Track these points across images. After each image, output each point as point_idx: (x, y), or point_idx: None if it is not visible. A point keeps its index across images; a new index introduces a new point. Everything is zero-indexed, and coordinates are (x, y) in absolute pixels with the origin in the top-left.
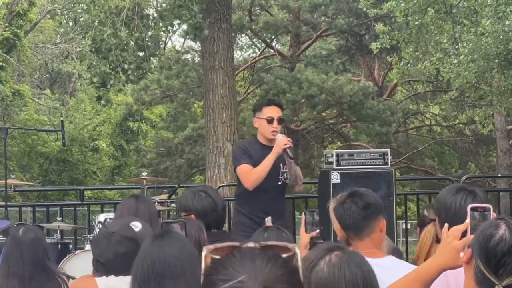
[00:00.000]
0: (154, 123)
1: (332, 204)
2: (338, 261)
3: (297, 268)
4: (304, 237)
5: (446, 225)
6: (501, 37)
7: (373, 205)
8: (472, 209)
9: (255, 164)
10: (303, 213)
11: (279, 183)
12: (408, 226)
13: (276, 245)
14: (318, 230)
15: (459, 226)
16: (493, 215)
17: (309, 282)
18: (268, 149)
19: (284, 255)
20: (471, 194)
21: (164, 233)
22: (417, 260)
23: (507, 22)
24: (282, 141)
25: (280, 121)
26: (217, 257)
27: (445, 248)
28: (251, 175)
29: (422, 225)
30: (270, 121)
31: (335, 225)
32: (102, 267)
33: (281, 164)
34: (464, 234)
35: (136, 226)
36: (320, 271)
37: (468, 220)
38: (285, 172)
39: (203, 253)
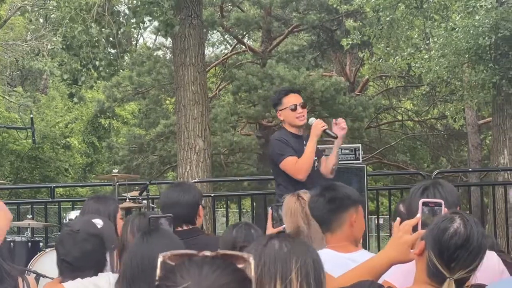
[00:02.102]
0: (126, 120)
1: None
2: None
3: (248, 277)
4: (270, 232)
5: (398, 219)
6: (471, 32)
7: (339, 199)
8: (424, 204)
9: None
10: (269, 208)
11: (315, 169)
12: (381, 221)
13: (232, 255)
14: (284, 225)
15: (410, 220)
16: (444, 210)
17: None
18: (299, 138)
19: (239, 265)
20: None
21: (152, 230)
22: None
23: (477, 17)
24: (318, 123)
25: (304, 105)
26: (172, 263)
27: (396, 242)
28: (301, 165)
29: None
30: (293, 109)
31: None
32: (68, 266)
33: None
34: (415, 228)
35: (98, 223)
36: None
37: (419, 215)
38: (315, 159)
39: (159, 260)
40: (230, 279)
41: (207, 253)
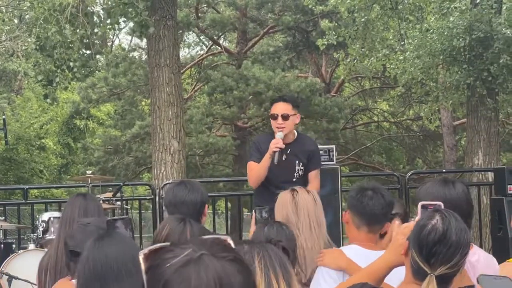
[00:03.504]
0: (101, 121)
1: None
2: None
3: (232, 246)
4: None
5: (397, 222)
6: (445, 33)
7: (393, 206)
8: (423, 206)
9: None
10: (253, 210)
11: (294, 180)
12: None
13: (210, 238)
14: None
15: (409, 223)
16: None
17: None
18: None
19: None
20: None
21: (105, 234)
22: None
23: (451, 19)
24: (274, 143)
25: (285, 116)
26: (149, 261)
27: (394, 245)
28: (251, 174)
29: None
30: (274, 117)
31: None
32: (77, 260)
33: (297, 161)
34: None
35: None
36: None
37: (418, 217)
38: (300, 169)
39: (140, 258)
40: (223, 245)
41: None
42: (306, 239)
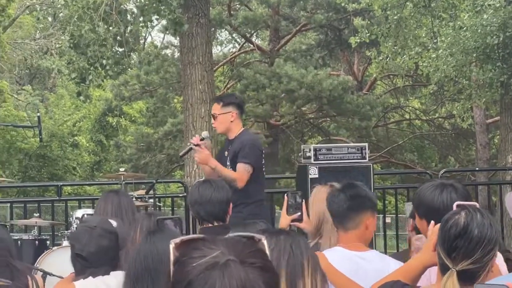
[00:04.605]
0: (133, 119)
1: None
2: (282, 244)
3: (265, 251)
4: (285, 219)
5: (432, 222)
6: (479, 31)
7: (361, 197)
8: (458, 206)
9: (217, 156)
10: (285, 194)
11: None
12: (388, 220)
13: (244, 236)
14: (299, 213)
15: None
16: None
17: None
18: (229, 141)
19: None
20: (454, 191)
21: (157, 230)
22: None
23: (485, 16)
24: (193, 140)
25: (213, 116)
26: (179, 252)
27: (429, 246)
28: None
29: (415, 217)
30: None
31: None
32: (83, 262)
33: (228, 158)
34: None
35: (113, 222)
36: None
37: None
38: (228, 166)
39: (171, 246)
40: (254, 249)
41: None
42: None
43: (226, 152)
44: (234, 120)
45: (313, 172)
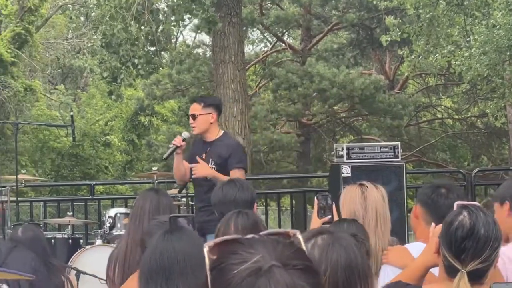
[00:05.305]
0: (165, 118)
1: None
2: (323, 244)
3: (303, 248)
4: (316, 222)
5: (433, 224)
6: None
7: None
8: (459, 206)
9: (189, 156)
10: (315, 197)
11: (208, 177)
12: None
13: (278, 232)
14: (330, 216)
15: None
16: None
17: None
18: (206, 143)
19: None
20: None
21: (175, 228)
22: None
23: None
24: (174, 140)
25: (193, 116)
26: (215, 254)
27: (430, 246)
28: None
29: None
30: (189, 118)
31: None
32: None
33: (210, 160)
34: None
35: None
36: None
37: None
38: (212, 167)
39: (205, 250)
40: (294, 249)
41: (249, 236)
42: (370, 235)
43: (204, 154)
44: (214, 122)
45: (346, 171)
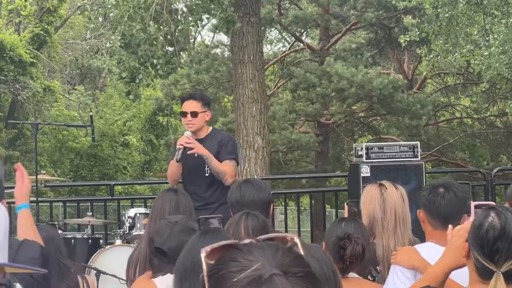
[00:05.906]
0: None
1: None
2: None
3: (301, 254)
4: None
5: (450, 226)
6: None
7: (466, 199)
8: (476, 206)
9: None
10: (345, 203)
11: (206, 174)
12: None
13: (276, 237)
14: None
15: (464, 225)
16: None
17: None
18: (198, 141)
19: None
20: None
21: (210, 229)
22: None
23: None
24: (181, 139)
25: (193, 114)
26: (212, 260)
27: (450, 248)
28: (168, 171)
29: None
30: (184, 115)
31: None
32: (162, 257)
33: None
34: None
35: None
36: None
37: (471, 218)
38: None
39: (202, 255)
40: (293, 256)
41: (247, 240)
42: (389, 237)
43: (196, 153)
44: (207, 121)
45: (365, 171)
